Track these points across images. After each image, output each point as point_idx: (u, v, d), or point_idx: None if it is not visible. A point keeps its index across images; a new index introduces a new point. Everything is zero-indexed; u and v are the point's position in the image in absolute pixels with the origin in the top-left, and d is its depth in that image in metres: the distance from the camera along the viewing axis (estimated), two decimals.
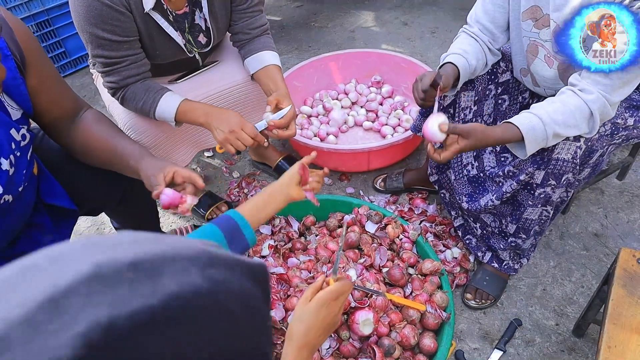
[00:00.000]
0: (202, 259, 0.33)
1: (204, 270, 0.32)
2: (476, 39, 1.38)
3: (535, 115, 1.13)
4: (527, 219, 1.35)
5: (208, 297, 0.31)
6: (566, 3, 1.15)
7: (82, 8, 1.17)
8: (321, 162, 1.99)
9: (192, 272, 0.31)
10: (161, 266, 0.30)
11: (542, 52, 1.28)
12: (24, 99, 0.97)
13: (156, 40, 1.35)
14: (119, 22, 1.21)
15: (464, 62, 1.33)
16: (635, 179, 1.88)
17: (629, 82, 1.11)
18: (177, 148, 1.55)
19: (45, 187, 1.12)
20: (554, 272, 1.59)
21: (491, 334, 1.44)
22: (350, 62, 2.33)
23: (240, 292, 0.34)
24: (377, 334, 1.24)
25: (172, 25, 1.35)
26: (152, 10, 1.27)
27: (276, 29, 3.13)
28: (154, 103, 1.33)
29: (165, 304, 0.28)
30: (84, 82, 2.81)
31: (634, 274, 1.10)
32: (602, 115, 1.13)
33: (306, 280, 1.34)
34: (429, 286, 1.35)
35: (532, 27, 1.27)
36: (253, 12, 1.49)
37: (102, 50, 1.25)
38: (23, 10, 2.52)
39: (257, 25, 1.51)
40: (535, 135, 1.12)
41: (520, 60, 1.39)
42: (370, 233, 1.52)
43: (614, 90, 1.11)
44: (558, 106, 1.13)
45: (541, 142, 1.14)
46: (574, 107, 1.12)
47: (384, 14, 3.21)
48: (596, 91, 1.10)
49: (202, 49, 1.49)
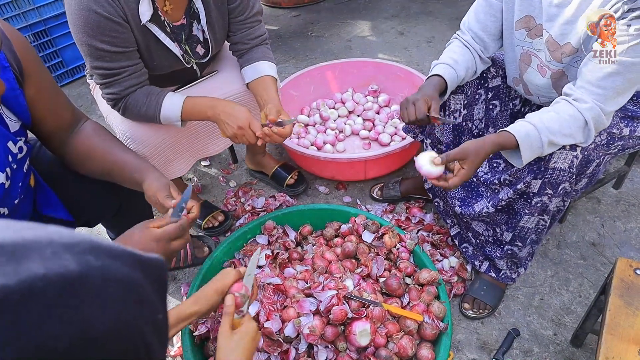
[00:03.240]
0: (80, 246, 0.33)
1: (79, 256, 0.32)
2: (468, 47, 1.40)
3: (530, 123, 1.14)
4: (524, 228, 1.35)
5: (80, 279, 0.31)
6: (559, 13, 1.17)
7: (80, 20, 1.18)
8: (318, 171, 1.99)
9: (64, 257, 0.31)
10: (29, 250, 0.30)
11: (535, 61, 1.30)
12: (22, 110, 0.97)
13: (154, 51, 1.36)
14: (117, 33, 1.22)
15: (452, 73, 1.35)
16: (631, 188, 1.88)
17: (623, 92, 1.12)
18: (176, 158, 1.55)
19: (42, 199, 1.11)
20: (551, 282, 1.59)
21: (489, 344, 1.44)
22: (347, 71, 2.34)
23: (123, 279, 0.34)
24: (374, 344, 1.23)
25: (169, 36, 1.35)
26: (149, 22, 1.27)
27: (273, 39, 3.15)
28: (157, 105, 1.33)
29: (23, 284, 0.28)
30: (80, 92, 2.81)
31: (631, 284, 1.10)
32: (597, 124, 1.14)
33: (303, 290, 1.34)
34: (426, 296, 1.35)
35: (526, 36, 1.28)
36: (252, 23, 1.50)
37: (101, 62, 1.25)
38: (20, 20, 2.53)
39: (255, 35, 1.52)
40: (530, 142, 1.13)
41: (513, 70, 1.40)
42: (367, 243, 1.52)
43: (608, 100, 1.12)
44: (552, 115, 1.14)
45: (537, 150, 1.14)
46: (569, 116, 1.13)
47: (381, 24, 3.23)
48: (590, 100, 1.11)
49: (200, 60, 1.49)
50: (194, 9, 1.37)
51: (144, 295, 0.36)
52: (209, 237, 1.80)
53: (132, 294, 0.34)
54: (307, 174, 2.03)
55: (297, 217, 1.64)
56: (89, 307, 0.31)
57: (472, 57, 1.40)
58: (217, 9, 1.42)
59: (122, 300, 0.33)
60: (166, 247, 0.94)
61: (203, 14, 1.39)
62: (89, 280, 0.32)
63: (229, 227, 1.83)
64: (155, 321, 0.36)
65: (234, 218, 1.87)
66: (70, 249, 0.32)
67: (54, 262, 0.31)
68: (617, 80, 1.09)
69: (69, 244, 0.33)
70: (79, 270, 0.31)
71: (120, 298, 0.33)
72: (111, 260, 0.34)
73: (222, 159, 2.21)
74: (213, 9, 1.40)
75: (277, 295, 1.34)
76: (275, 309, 1.30)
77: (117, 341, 0.32)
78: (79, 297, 0.30)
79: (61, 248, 0.32)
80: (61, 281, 0.30)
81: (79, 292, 0.31)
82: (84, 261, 0.32)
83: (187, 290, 1.60)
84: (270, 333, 1.22)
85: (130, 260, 0.36)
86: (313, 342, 1.20)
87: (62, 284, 0.30)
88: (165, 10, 1.32)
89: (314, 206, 1.67)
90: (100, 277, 0.32)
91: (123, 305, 0.33)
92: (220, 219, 1.81)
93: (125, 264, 0.35)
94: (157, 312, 0.37)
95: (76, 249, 0.33)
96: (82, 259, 0.32)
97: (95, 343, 0.31)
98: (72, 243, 0.33)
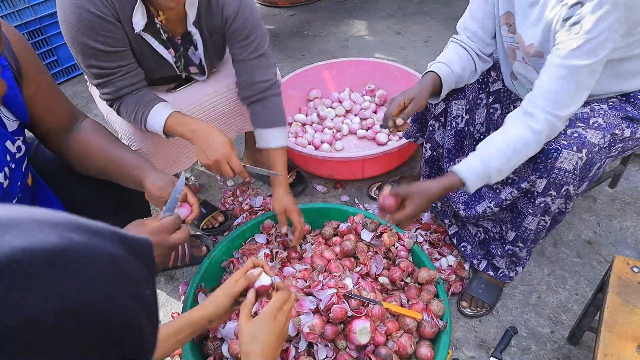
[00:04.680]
0: (64, 223, 0.33)
1: (63, 232, 0.33)
2: (464, 47, 1.41)
3: (476, 157, 1.17)
4: (527, 229, 1.35)
5: (62, 253, 0.31)
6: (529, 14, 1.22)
7: (73, 18, 1.16)
8: (315, 170, 1.99)
9: (47, 232, 0.32)
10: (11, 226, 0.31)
11: (519, 54, 1.32)
12: (20, 109, 0.97)
13: (148, 57, 1.35)
14: (110, 32, 1.20)
15: (447, 70, 1.36)
16: (627, 187, 1.90)
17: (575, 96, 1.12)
18: (176, 157, 1.54)
19: (40, 198, 1.11)
20: (548, 280, 1.60)
21: (487, 342, 1.44)
22: (344, 70, 2.34)
23: (107, 254, 0.34)
24: (374, 343, 1.23)
25: (163, 44, 1.34)
26: (143, 32, 1.26)
27: (270, 38, 3.14)
28: (144, 115, 1.30)
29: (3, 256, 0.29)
30: (76, 91, 2.80)
31: (629, 282, 1.11)
32: (550, 135, 1.16)
33: (302, 289, 1.34)
34: (426, 295, 1.35)
35: (507, 32, 1.31)
36: (252, 62, 1.41)
37: (95, 61, 1.23)
38: (15, 18, 2.51)
39: (257, 80, 1.42)
40: (475, 175, 1.17)
41: (506, 65, 1.42)
42: (366, 241, 1.52)
43: (561, 106, 1.12)
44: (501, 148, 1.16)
45: (485, 179, 1.18)
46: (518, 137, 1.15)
47: (377, 23, 3.23)
48: (543, 114, 1.12)
49: (194, 76, 1.51)
50: (191, 36, 1.36)
51: (129, 270, 0.36)
52: (207, 236, 1.80)
53: (115, 269, 0.34)
54: (305, 173, 2.03)
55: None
56: (71, 280, 0.31)
57: (468, 55, 1.40)
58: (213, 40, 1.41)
59: (105, 274, 0.33)
60: (165, 240, 0.92)
61: (200, 44, 1.39)
62: (72, 254, 0.32)
63: (228, 227, 1.83)
64: (141, 296, 0.36)
65: (232, 217, 1.87)
66: (54, 226, 0.33)
67: (36, 236, 0.31)
68: (568, 83, 1.09)
69: (53, 222, 0.33)
70: (61, 245, 0.32)
71: (103, 271, 0.33)
72: (96, 238, 0.34)
73: None
74: (208, 39, 1.40)
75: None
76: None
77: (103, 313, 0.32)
78: (61, 270, 0.31)
79: (45, 225, 0.32)
80: (43, 254, 0.30)
81: (61, 265, 0.31)
82: (67, 237, 0.32)
83: (185, 290, 1.59)
84: None
85: (115, 237, 0.36)
86: (313, 340, 1.20)
87: (44, 257, 0.30)
88: (161, 20, 1.30)
89: (312, 205, 1.67)
90: (83, 251, 0.33)
91: (106, 278, 0.33)
92: (220, 220, 1.81)
93: (110, 241, 0.35)
94: (143, 288, 0.37)
95: (60, 226, 0.33)
96: (66, 235, 0.32)
97: (80, 315, 0.31)
98: (56, 221, 0.33)
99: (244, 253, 1.54)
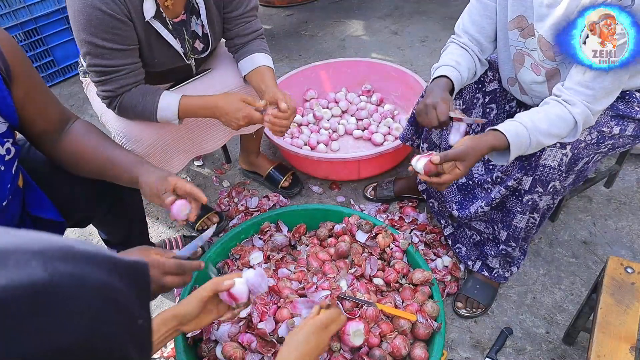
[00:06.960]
0: (49, 252, 0.31)
1: (48, 262, 0.30)
2: (466, 49, 1.39)
3: (520, 123, 1.15)
4: (517, 227, 1.36)
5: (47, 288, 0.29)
6: (549, 14, 1.17)
7: (83, 18, 1.18)
8: (311, 170, 1.99)
9: (31, 264, 0.30)
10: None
11: (528, 60, 1.30)
12: (10, 111, 0.96)
13: (155, 48, 1.37)
14: (120, 30, 1.22)
15: (457, 75, 1.34)
16: (622, 187, 1.90)
17: (611, 92, 1.14)
18: (171, 156, 1.54)
19: (31, 199, 1.10)
20: (543, 280, 1.60)
21: (482, 342, 1.44)
22: (340, 70, 2.34)
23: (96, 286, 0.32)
24: (368, 344, 1.23)
25: (171, 32, 1.37)
26: (153, 19, 1.29)
27: (267, 38, 3.09)
28: (154, 104, 1.34)
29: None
30: (72, 91, 2.79)
31: (622, 283, 1.11)
32: (585, 125, 1.16)
33: (296, 291, 1.34)
34: (420, 296, 1.35)
35: (519, 36, 1.29)
36: (247, 18, 1.51)
37: (100, 60, 1.25)
38: (10, 18, 2.50)
39: (251, 30, 1.53)
40: (519, 142, 1.14)
41: (507, 70, 1.40)
42: (361, 242, 1.52)
43: (597, 100, 1.13)
44: (542, 116, 1.15)
45: (524, 149, 1.16)
46: (558, 117, 1.14)
47: (374, 23, 3.23)
48: (580, 102, 1.12)
49: (198, 55, 1.51)
50: (193, 3, 1.38)
51: (121, 301, 0.34)
52: None
53: (106, 301, 0.32)
54: (300, 174, 2.03)
55: (291, 217, 1.64)
56: (58, 318, 0.29)
57: (471, 59, 1.39)
58: (215, 4, 1.43)
59: (95, 308, 0.31)
60: (158, 278, 0.91)
61: (203, 9, 1.40)
62: (58, 288, 0.30)
63: (223, 228, 1.82)
64: (133, 328, 0.35)
65: (227, 218, 1.86)
66: (39, 255, 0.30)
67: (18, 270, 0.29)
68: (606, 80, 1.10)
69: (37, 249, 0.31)
70: (46, 279, 0.29)
71: (92, 306, 0.31)
72: (83, 265, 0.32)
73: (215, 158, 2.20)
74: (212, 4, 1.42)
75: (271, 296, 1.34)
76: (269, 310, 1.29)
77: (91, 352, 0.30)
78: (47, 307, 0.29)
79: (28, 255, 0.30)
80: (26, 291, 0.28)
81: (46, 302, 0.29)
82: (52, 268, 0.30)
83: (180, 291, 1.59)
84: (263, 334, 1.22)
85: (105, 264, 0.34)
86: None
87: (27, 294, 0.28)
88: (167, 6, 1.32)
89: (307, 206, 1.67)
90: (70, 284, 0.30)
91: (95, 313, 0.31)
92: (215, 221, 1.81)
93: (100, 268, 0.33)
94: (136, 318, 0.35)
95: (45, 255, 0.31)
96: (51, 265, 0.30)
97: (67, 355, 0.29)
98: (40, 248, 0.31)
99: (236, 253, 1.54)
